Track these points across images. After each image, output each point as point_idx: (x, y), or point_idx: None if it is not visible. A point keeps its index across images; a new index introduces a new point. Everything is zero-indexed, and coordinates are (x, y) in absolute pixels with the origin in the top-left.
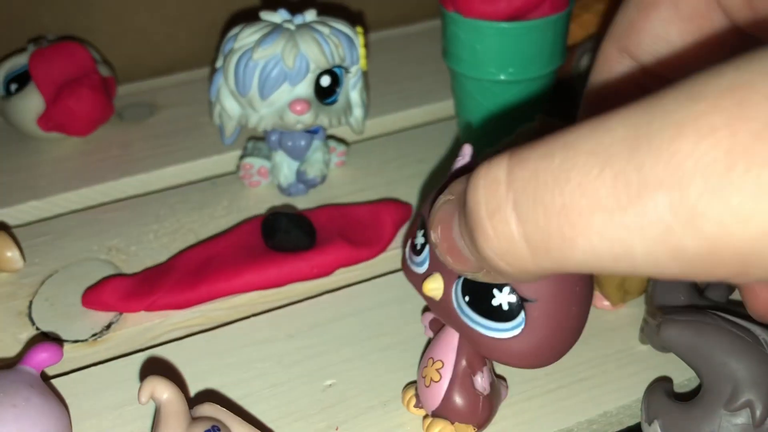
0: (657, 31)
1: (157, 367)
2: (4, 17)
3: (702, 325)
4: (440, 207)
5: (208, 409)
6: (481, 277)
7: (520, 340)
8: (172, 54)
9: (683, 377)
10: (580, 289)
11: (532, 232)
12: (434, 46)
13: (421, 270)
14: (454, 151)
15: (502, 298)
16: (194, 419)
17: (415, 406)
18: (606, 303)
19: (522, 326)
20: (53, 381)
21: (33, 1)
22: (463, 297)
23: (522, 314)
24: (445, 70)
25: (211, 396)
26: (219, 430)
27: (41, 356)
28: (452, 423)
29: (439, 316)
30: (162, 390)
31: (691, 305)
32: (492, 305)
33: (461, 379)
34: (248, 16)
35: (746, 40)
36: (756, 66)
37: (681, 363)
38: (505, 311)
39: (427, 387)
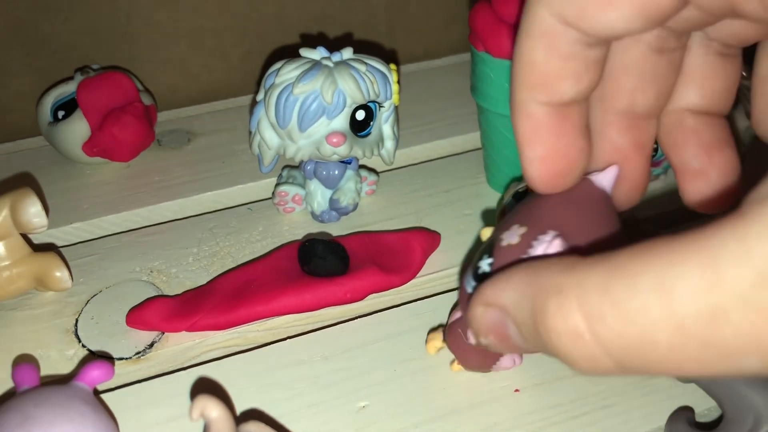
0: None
1: (202, 386)
2: (53, 48)
3: None
4: (484, 316)
5: (254, 428)
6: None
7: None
8: (209, 84)
9: (704, 407)
10: None
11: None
12: (459, 79)
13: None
14: (477, 181)
15: (483, 265)
16: None
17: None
18: None
19: None
20: (101, 396)
21: (80, 32)
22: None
23: None
24: (470, 103)
25: (253, 414)
26: None
27: (95, 373)
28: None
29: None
30: (212, 408)
31: None
32: (476, 266)
33: (453, 331)
34: (282, 49)
35: None
36: None
37: (702, 393)
38: (480, 275)
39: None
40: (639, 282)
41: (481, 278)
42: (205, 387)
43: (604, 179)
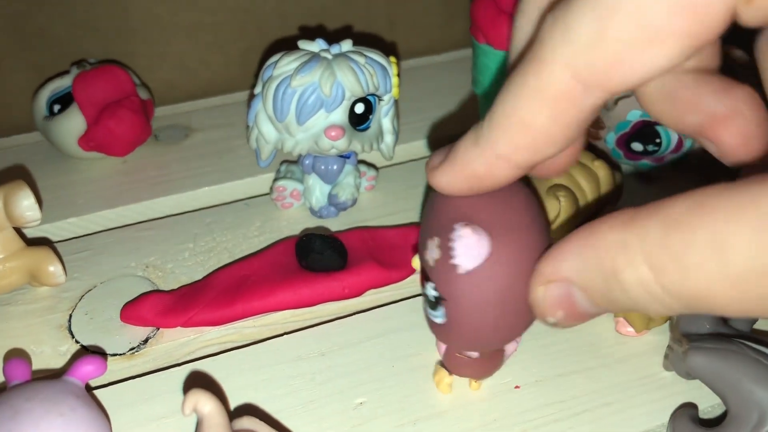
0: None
1: (196, 381)
2: (49, 41)
3: (728, 352)
4: (547, 294)
5: (248, 423)
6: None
7: (445, 328)
8: (207, 79)
9: (708, 404)
10: (496, 295)
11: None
12: (460, 75)
13: (441, 321)
14: None
15: (429, 292)
16: None
17: None
18: (630, 329)
19: (444, 317)
20: (94, 392)
21: (77, 26)
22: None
23: (442, 308)
24: (471, 99)
25: (248, 410)
26: None
27: (87, 368)
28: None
29: None
30: (204, 403)
31: (716, 333)
32: (426, 294)
33: (450, 357)
34: (281, 44)
35: None
36: None
37: (706, 390)
38: (432, 302)
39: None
40: (695, 238)
41: (435, 304)
42: (199, 382)
43: None
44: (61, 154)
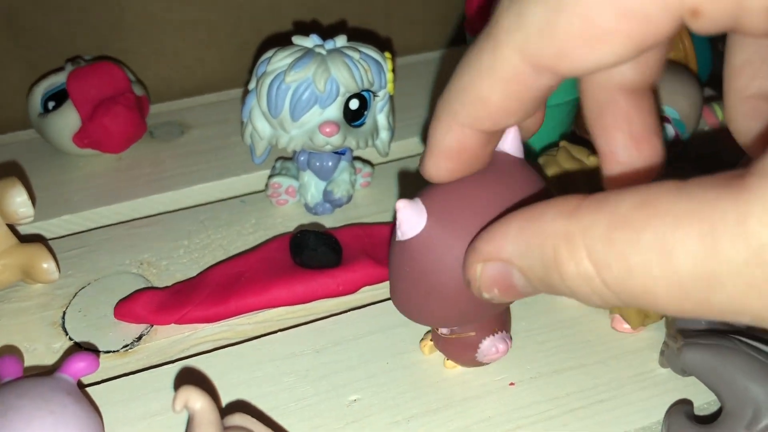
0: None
1: (188, 378)
2: (43, 38)
3: (723, 349)
4: (485, 272)
5: (239, 420)
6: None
7: (391, 292)
8: (202, 76)
9: (704, 400)
10: (427, 267)
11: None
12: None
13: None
14: None
15: None
16: (226, 429)
17: None
18: (626, 326)
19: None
20: (87, 389)
21: (71, 23)
22: None
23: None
24: None
25: (240, 407)
26: None
27: (78, 365)
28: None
29: None
30: (195, 399)
31: (712, 329)
32: None
33: (434, 330)
34: (276, 41)
35: None
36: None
37: (701, 386)
38: None
39: None
40: (641, 238)
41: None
42: (192, 379)
43: (506, 144)
44: (55, 151)
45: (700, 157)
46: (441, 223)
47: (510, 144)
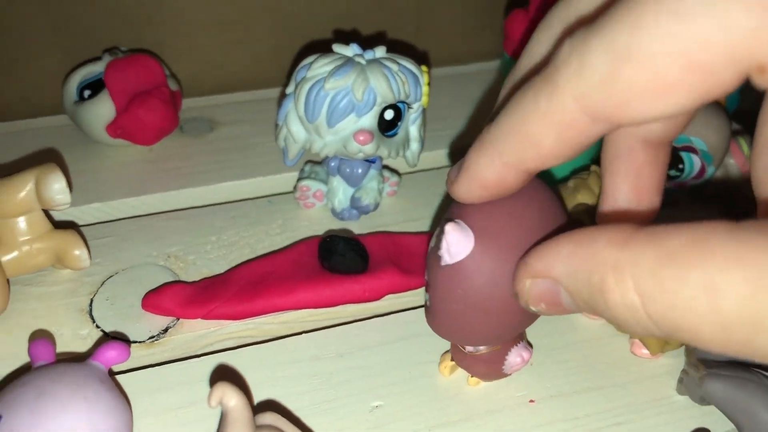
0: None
1: (221, 374)
2: (80, 27)
3: (746, 381)
4: (533, 287)
5: (270, 419)
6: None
7: (428, 312)
8: (233, 74)
9: (722, 430)
10: (473, 292)
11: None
12: (483, 87)
13: (427, 304)
14: None
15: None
16: (258, 427)
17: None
18: (645, 351)
19: (427, 302)
20: (114, 378)
21: (107, 14)
22: None
23: (428, 293)
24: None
25: (269, 406)
26: None
27: (110, 354)
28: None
29: None
30: (230, 396)
31: (734, 361)
32: None
33: (454, 347)
34: (309, 46)
35: None
36: None
37: (719, 415)
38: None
39: None
40: (689, 276)
41: (426, 288)
42: (223, 374)
43: None
44: (86, 139)
45: (723, 190)
46: (488, 245)
47: None
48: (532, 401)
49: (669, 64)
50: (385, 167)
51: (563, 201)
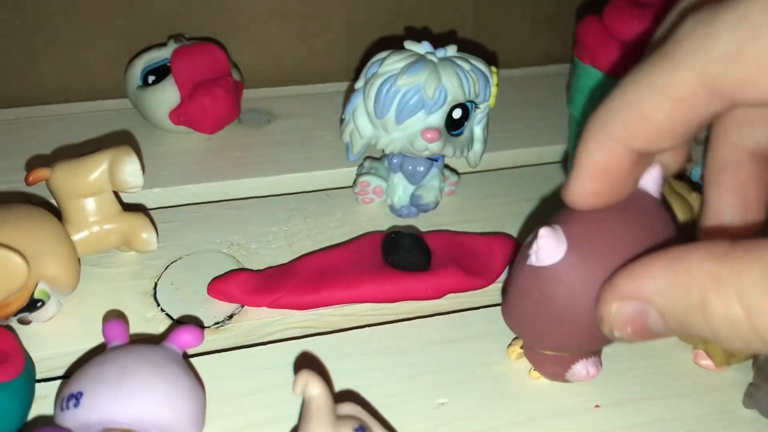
0: None
1: (301, 361)
2: (144, 11)
3: None
4: (621, 310)
5: (350, 409)
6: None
7: (504, 306)
8: (291, 67)
9: None
10: (554, 298)
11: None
12: (543, 90)
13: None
14: (558, 194)
15: None
16: (339, 417)
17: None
18: (708, 362)
19: (504, 298)
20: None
21: (173, 1)
22: None
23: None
24: (556, 115)
25: (345, 396)
26: (365, 430)
27: (186, 337)
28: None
29: None
30: (314, 385)
31: None
32: None
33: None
34: (369, 45)
35: None
36: None
37: None
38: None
39: None
40: None
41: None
42: (304, 362)
43: (647, 182)
44: (146, 124)
45: None
46: (580, 255)
47: (651, 181)
48: (597, 406)
49: None
50: (446, 166)
51: (675, 219)
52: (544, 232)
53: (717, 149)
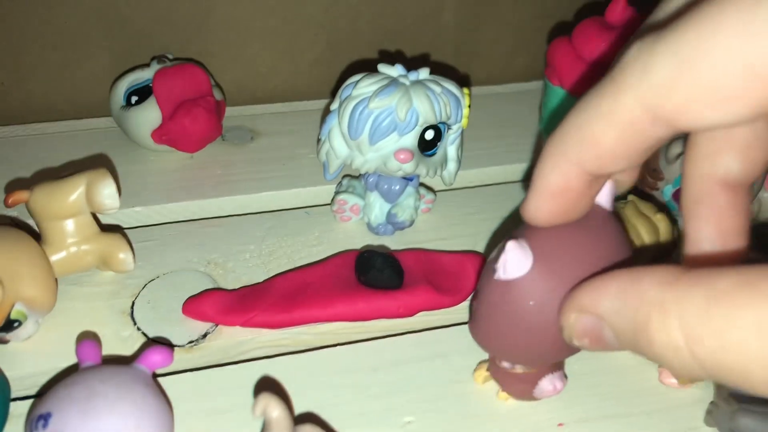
0: None
1: (264, 383)
2: (130, 31)
3: None
4: (578, 322)
5: (309, 430)
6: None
7: (471, 319)
8: (275, 85)
9: None
10: (518, 311)
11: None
12: (519, 108)
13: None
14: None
15: None
16: None
17: None
18: (673, 380)
19: (472, 311)
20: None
21: (158, 20)
22: None
23: (474, 302)
24: (529, 132)
25: (307, 417)
26: None
27: (155, 358)
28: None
29: None
30: (273, 407)
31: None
32: None
33: (493, 360)
34: (350, 63)
35: None
36: None
37: None
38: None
39: None
40: (740, 316)
41: (473, 297)
42: (263, 383)
43: (601, 195)
44: (130, 143)
45: (758, 225)
46: (546, 267)
47: (604, 196)
48: (560, 425)
49: (731, 73)
50: (421, 185)
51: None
52: (511, 246)
53: (689, 181)
